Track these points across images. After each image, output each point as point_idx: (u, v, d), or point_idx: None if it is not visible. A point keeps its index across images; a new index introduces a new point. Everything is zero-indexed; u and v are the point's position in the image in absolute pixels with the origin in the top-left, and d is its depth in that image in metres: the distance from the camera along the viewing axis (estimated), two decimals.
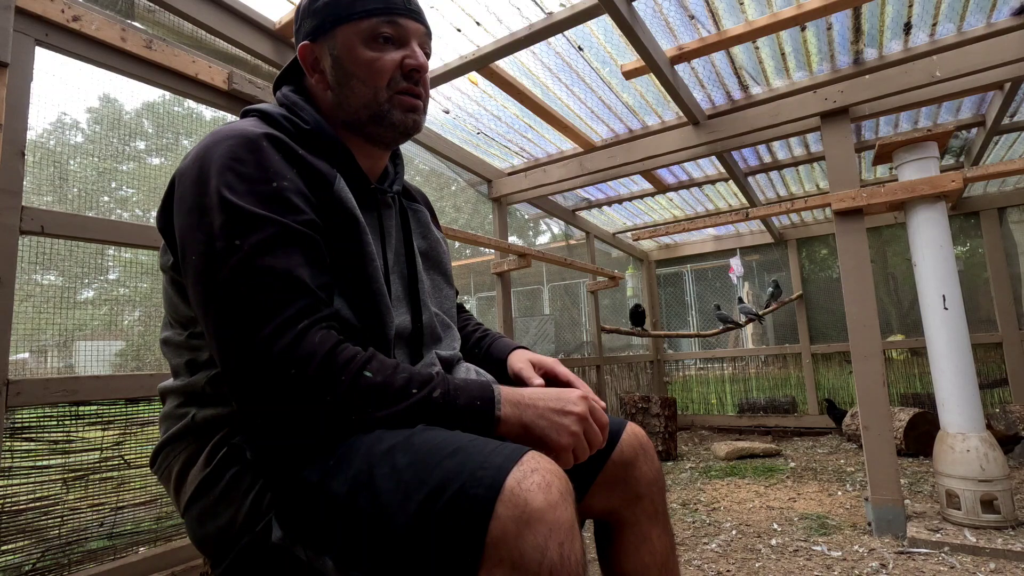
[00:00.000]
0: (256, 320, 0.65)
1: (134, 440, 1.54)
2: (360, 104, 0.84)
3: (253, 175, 0.71)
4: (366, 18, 0.82)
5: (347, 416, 0.68)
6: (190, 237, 0.70)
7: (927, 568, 1.90)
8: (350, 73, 0.83)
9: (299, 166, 0.76)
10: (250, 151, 0.72)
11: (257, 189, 0.70)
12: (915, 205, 2.44)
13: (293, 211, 0.72)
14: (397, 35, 0.84)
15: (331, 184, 0.78)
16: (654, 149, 3.10)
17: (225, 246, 0.67)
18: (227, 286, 0.67)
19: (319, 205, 0.76)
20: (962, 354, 2.30)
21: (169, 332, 0.82)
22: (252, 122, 0.78)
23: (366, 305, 0.78)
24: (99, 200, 1.77)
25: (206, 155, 0.72)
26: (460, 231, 2.96)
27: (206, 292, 0.68)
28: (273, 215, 0.70)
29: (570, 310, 6.13)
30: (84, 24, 1.45)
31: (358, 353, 0.70)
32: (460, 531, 0.57)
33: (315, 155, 0.80)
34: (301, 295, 0.69)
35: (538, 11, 2.14)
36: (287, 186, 0.73)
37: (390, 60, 0.83)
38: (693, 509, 2.75)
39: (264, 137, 0.74)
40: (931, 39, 2.46)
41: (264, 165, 0.72)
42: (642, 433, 0.98)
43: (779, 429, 5.07)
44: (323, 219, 0.76)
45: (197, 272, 0.69)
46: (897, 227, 4.90)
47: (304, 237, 0.72)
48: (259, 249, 0.68)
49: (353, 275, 0.78)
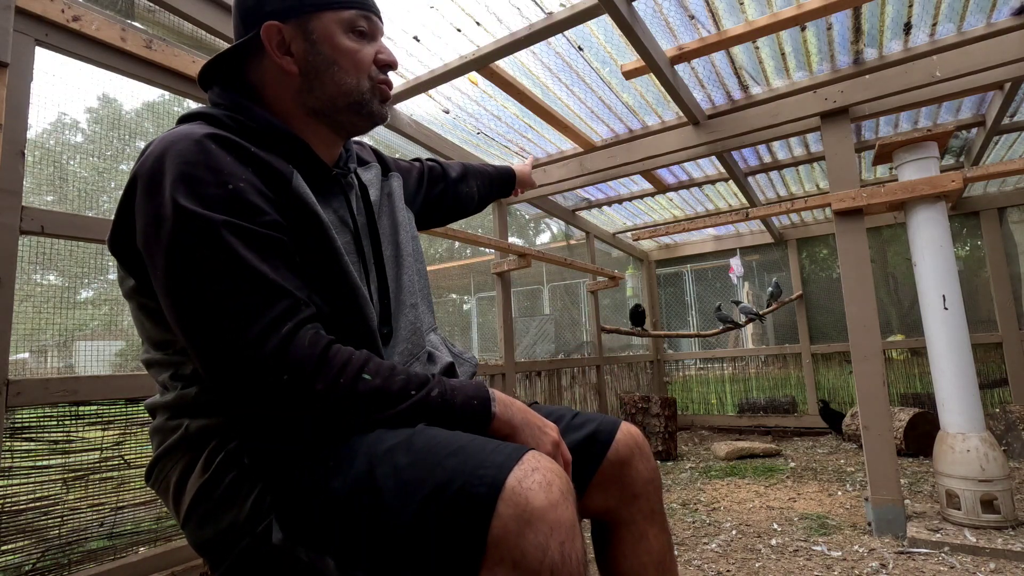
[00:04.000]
0: (235, 329, 0.64)
1: (134, 440, 1.54)
2: (339, 92, 0.83)
3: (207, 179, 0.68)
4: (347, 8, 0.83)
5: (346, 419, 0.68)
6: (152, 253, 0.67)
7: (927, 568, 1.90)
8: (331, 60, 0.82)
9: (253, 164, 0.73)
10: (200, 154, 0.69)
11: (213, 193, 0.67)
12: (915, 205, 2.44)
13: (254, 212, 0.69)
14: (370, 30, 0.86)
15: (288, 181, 0.75)
16: (654, 149, 3.10)
17: (190, 257, 0.65)
18: (198, 298, 0.64)
19: (278, 203, 0.74)
20: (962, 354, 2.30)
21: (149, 354, 0.80)
22: (196, 125, 0.75)
23: (344, 301, 0.77)
24: (99, 200, 1.77)
25: (156, 165, 0.69)
26: (460, 231, 2.96)
27: (178, 308, 0.65)
28: (234, 219, 0.67)
29: (570, 310, 6.13)
30: (84, 24, 1.45)
31: (352, 355, 0.69)
32: (462, 530, 0.57)
33: (268, 151, 0.77)
34: (279, 297, 0.67)
35: (538, 11, 2.14)
36: (243, 187, 0.70)
37: (369, 52, 0.85)
38: (693, 509, 2.75)
39: (211, 138, 0.71)
40: (931, 39, 2.46)
41: (217, 167, 0.69)
42: (637, 432, 0.98)
43: (779, 429, 5.07)
44: (284, 217, 0.74)
45: (165, 288, 0.66)
46: (897, 227, 4.90)
47: (269, 239, 0.70)
48: (226, 256, 0.65)
49: (326, 272, 0.76)
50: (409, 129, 2.84)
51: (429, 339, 0.95)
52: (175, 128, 0.75)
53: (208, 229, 0.66)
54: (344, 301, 0.77)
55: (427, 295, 1.01)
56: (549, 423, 0.79)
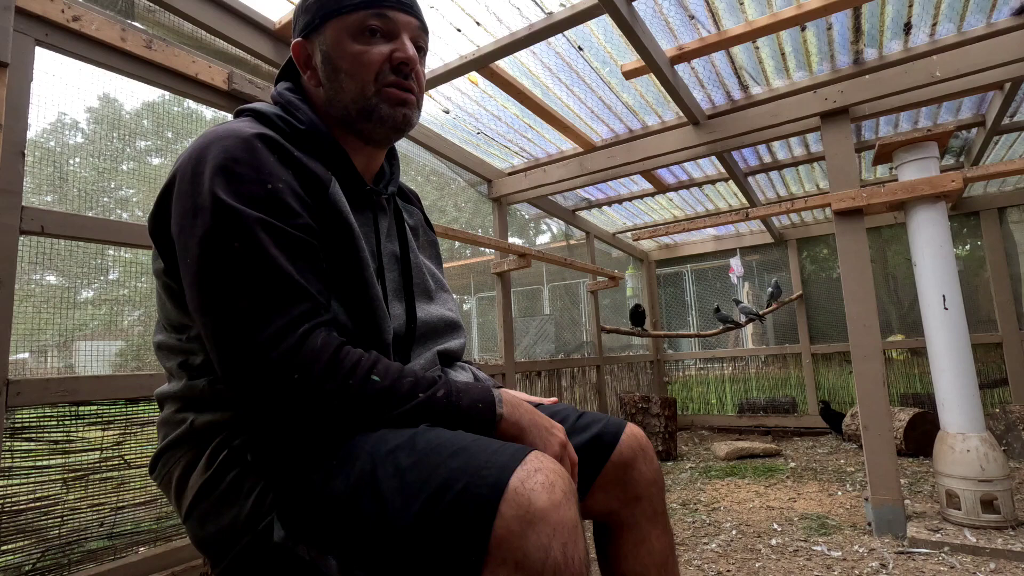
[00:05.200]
0: (254, 324, 0.65)
1: (134, 440, 1.54)
2: (349, 99, 0.83)
3: (248, 176, 0.70)
4: (354, 11, 0.81)
5: (354, 419, 0.68)
6: (185, 241, 0.69)
7: (927, 568, 1.90)
8: (337, 67, 0.82)
9: (294, 167, 0.75)
10: (245, 151, 0.71)
11: (252, 191, 0.69)
12: (915, 205, 2.44)
13: (289, 214, 0.71)
14: (386, 28, 0.83)
15: (326, 188, 0.77)
16: (654, 149, 3.10)
17: (221, 249, 0.66)
18: (223, 290, 0.66)
19: (314, 208, 0.75)
20: (962, 354, 2.30)
21: (162, 336, 0.81)
22: (246, 122, 0.77)
23: (362, 311, 0.78)
24: (99, 200, 1.76)
25: (200, 156, 0.71)
26: (460, 231, 2.96)
27: (202, 296, 0.67)
28: (269, 218, 0.69)
29: (570, 310, 6.13)
30: (84, 24, 1.45)
31: (362, 356, 0.70)
32: (464, 530, 0.57)
33: (310, 156, 0.79)
34: (300, 299, 0.68)
35: (538, 11, 2.14)
36: (282, 188, 0.71)
37: (378, 53, 0.82)
38: (693, 509, 2.75)
39: (258, 137, 0.73)
40: (931, 39, 2.46)
41: (259, 166, 0.71)
42: (641, 434, 0.97)
43: (779, 429, 5.07)
44: (317, 223, 0.75)
45: (192, 276, 0.68)
46: (897, 227, 4.90)
47: (300, 242, 0.71)
48: (255, 252, 0.67)
49: (349, 281, 0.77)
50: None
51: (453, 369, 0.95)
52: (227, 122, 0.77)
53: (242, 224, 0.67)
54: (363, 312, 0.78)
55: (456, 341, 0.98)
56: (556, 424, 0.78)
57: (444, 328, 0.95)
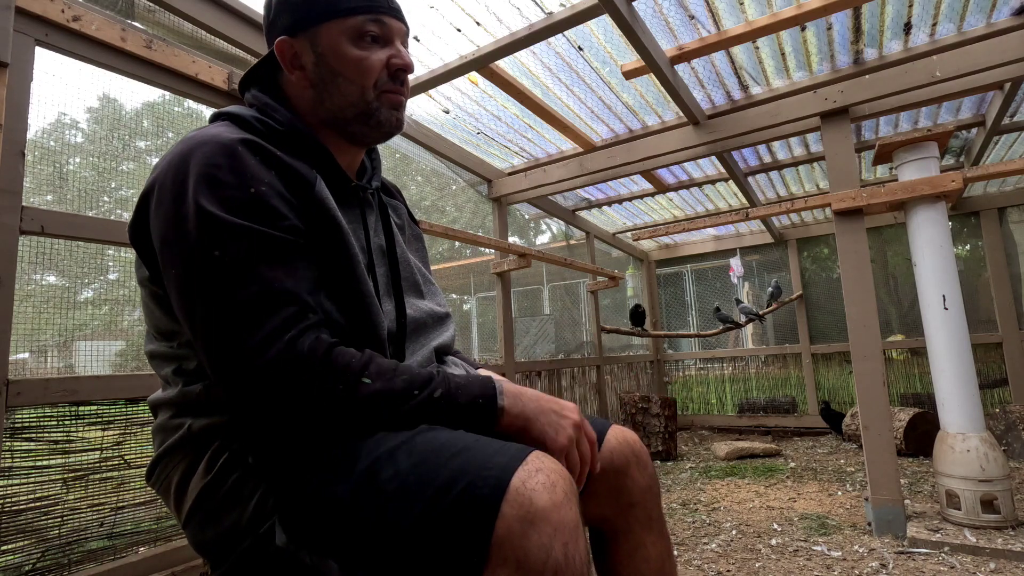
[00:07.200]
0: (243, 331, 0.65)
1: (134, 440, 1.53)
2: (346, 103, 0.83)
3: (230, 182, 0.69)
4: (351, 15, 0.81)
5: (347, 423, 0.68)
6: (169, 249, 0.68)
7: (927, 568, 1.90)
8: (336, 71, 0.82)
9: (277, 168, 0.74)
10: (226, 156, 0.70)
11: (235, 196, 0.69)
12: (915, 205, 2.44)
13: (274, 217, 0.70)
14: (382, 34, 0.84)
15: (311, 186, 0.76)
16: (654, 149, 3.10)
17: (205, 258, 0.66)
18: (209, 299, 0.65)
19: (300, 207, 0.75)
20: (962, 354, 2.30)
21: (153, 345, 0.80)
22: (224, 126, 0.76)
23: (355, 308, 0.77)
24: (99, 200, 1.76)
25: (180, 164, 0.70)
26: (460, 231, 2.96)
27: (189, 306, 0.67)
28: (253, 224, 0.68)
29: (570, 310, 6.13)
30: (84, 24, 1.45)
31: (353, 358, 0.69)
32: (465, 531, 0.57)
33: (293, 156, 0.78)
34: (286, 303, 0.68)
35: (538, 11, 2.14)
36: (265, 191, 0.71)
37: (377, 59, 0.83)
38: (693, 509, 2.75)
39: (238, 142, 0.72)
40: (931, 39, 2.46)
41: (241, 171, 0.70)
42: (635, 439, 0.93)
43: (779, 429, 5.07)
44: (304, 222, 0.75)
45: (179, 285, 0.67)
46: (897, 227, 4.90)
47: (286, 244, 0.70)
48: (241, 259, 0.67)
49: (339, 278, 0.76)
50: (409, 129, 2.84)
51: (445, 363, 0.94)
52: (204, 127, 0.76)
53: (225, 233, 0.67)
54: (356, 308, 0.77)
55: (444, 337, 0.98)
56: (568, 404, 0.76)
57: (434, 322, 0.94)
